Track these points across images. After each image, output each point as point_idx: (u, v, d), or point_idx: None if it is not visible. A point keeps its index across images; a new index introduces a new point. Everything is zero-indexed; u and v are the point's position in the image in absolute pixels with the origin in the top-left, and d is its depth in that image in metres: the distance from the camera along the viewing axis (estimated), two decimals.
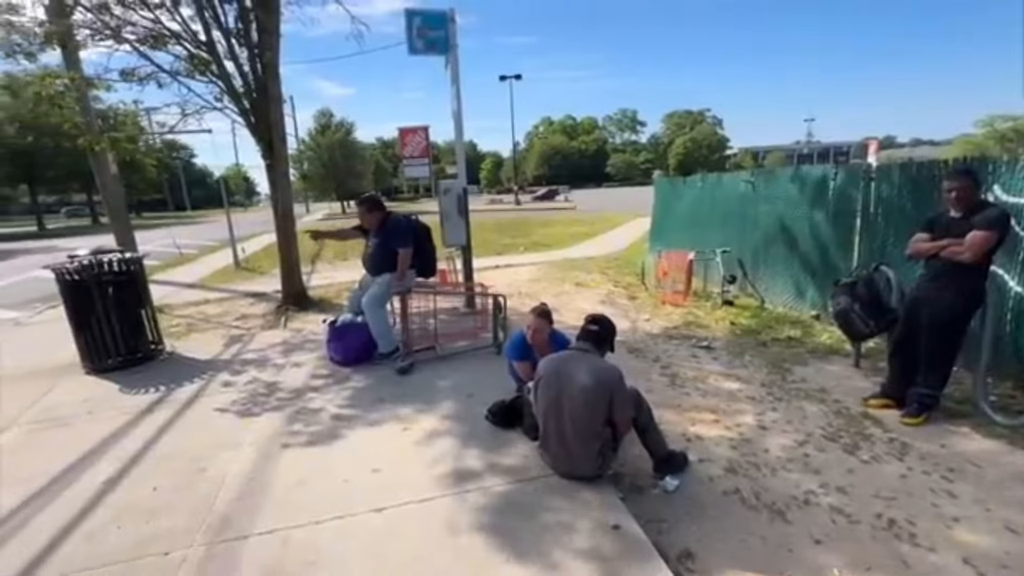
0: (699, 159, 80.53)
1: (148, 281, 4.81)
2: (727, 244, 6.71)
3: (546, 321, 3.05)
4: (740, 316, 5.61)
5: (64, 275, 4.29)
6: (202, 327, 6.21)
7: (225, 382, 3.98)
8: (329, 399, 3.51)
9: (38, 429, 3.33)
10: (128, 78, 5.54)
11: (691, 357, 4.42)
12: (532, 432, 2.67)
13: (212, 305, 7.45)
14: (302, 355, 4.54)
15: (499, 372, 3.79)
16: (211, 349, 4.99)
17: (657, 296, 6.73)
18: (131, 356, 4.50)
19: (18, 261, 15.51)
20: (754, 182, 6.24)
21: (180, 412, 3.45)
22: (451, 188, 5.28)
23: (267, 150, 6.45)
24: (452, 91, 5.25)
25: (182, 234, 19.78)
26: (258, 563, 1.93)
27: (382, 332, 4.08)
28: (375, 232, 4.18)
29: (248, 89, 6.31)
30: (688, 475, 2.56)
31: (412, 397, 3.43)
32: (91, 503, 2.41)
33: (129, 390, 3.94)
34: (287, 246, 6.88)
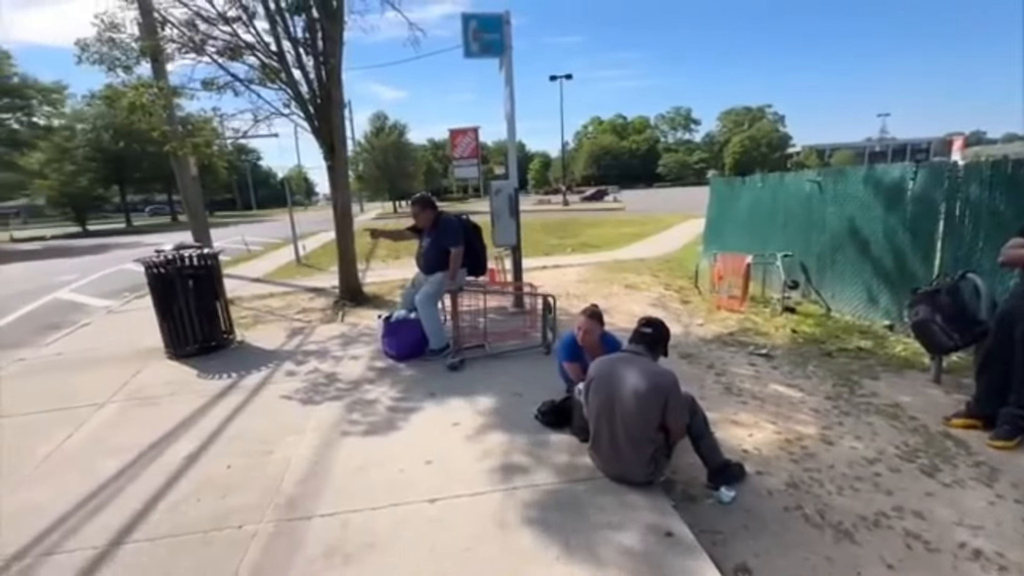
0: (757, 158, 76.75)
1: (222, 275, 5.18)
2: (789, 248, 6.37)
3: (597, 322, 3.03)
4: (803, 324, 5.32)
5: (152, 267, 4.72)
6: (267, 319, 6.62)
7: (289, 371, 4.23)
8: (383, 391, 3.66)
9: (130, 406, 3.69)
10: (208, 87, 6.01)
11: (748, 365, 4.24)
12: (581, 433, 2.67)
13: (276, 299, 7.92)
14: (358, 348, 4.75)
15: (547, 372, 3.79)
16: (276, 340, 5.32)
17: (711, 300, 6.49)
18: (207, 344, 4.88)
19: (111, 255, 17.17)
20: (821, 182, 5.89)
21: (249, 397, 3.70)
22: (502, 188, 5.34)
23: (329, 152, 6.79)
24: (505, 92, 5.31)
25: (249, 232, 21.13)
26: (321, 542, 2.05)
27: (434, 329, 4.19)
28: (427, 231, 4.31)
29: (313, 95, 6.67)
30: (745, 487, 2.47)
31: (462, 393, 3.51)
32: (174, 476, 2.64)
33: (205, 375, 4.27)
34: (345, 244, 7.20)
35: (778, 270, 6.15)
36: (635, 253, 11.57)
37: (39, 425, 3.44)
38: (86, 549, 2.10)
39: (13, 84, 23.20)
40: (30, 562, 2.05)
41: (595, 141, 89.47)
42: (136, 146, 32.69)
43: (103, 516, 2.33)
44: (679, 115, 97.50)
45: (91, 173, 32.98)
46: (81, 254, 18.01)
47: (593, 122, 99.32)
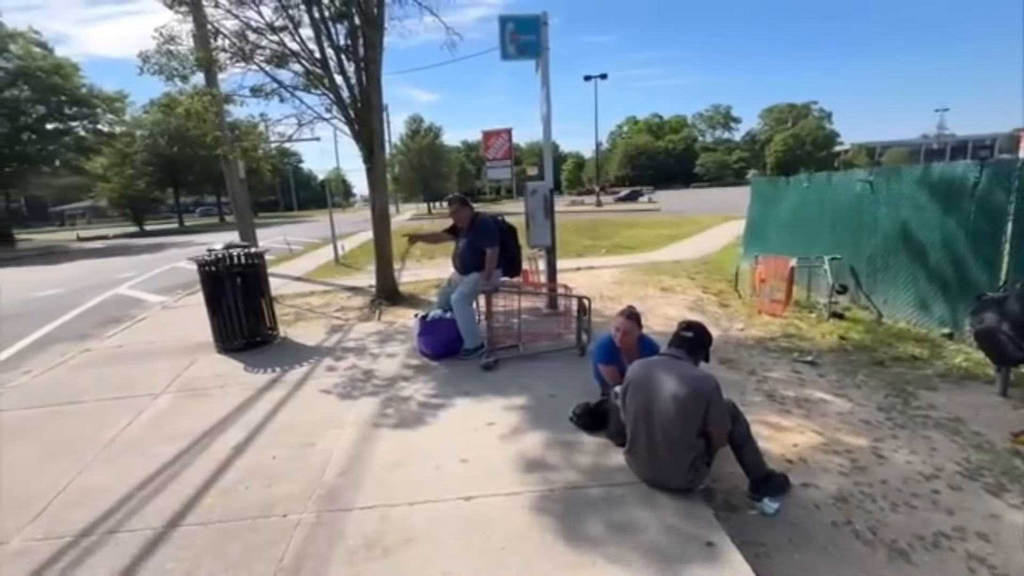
0: (801, 157, 73.67)
1: (267, 274, 5.41)
2: (836, 250, 6.09)
3: (635, 324, 2.98)
4: (851, 330, 5.07)
5: (203, 265, 4.97)
6: (308, 316, 6.86)
7: (329, 367, 4.37)
8: (418, 388, 3.72)
9: (184, 396, 3.90)
10: (257, 94, 6.29)
11: (792, 372, 4.08)
12: (618, 437, 2.63)
13: (316, 297, 8.20)
14: (394, 346, 4.85)
15: (582, 374, 3.77)
16: (316, 337, 5.50)
17: (752, 304, 6.28)
18: (253, 339, 5.10)
19: (165, 254, 18.20)
20: (873, 182, 5.60)
21: (292, 391, 3.84)
22: (538, 189, 5.34)
23: (368, 155, 6.98)
24: (541, 94, 5.31)
25: (290, 232, 21.94)
26: (361, 534, 2.11)
27: (469, 329, 4.23)
28: (464, 232, 4.36)
29: (353, 100, 6.87)
30: (789, 499, 2.37)
31: (496, 393, 3.53)
32: (224, 464, 2.78)
33: (251, 369, 4.47)
34: (382, 244, 7.38)
35: (826, 274, 5.89)
36: (671, 255, 11.34)
37: (104, 412, 3.69)
38: (145, 530, 2.24)
39: (82, 94, 24.95)
40: (96, 539, 2.20)
41: (630, 141, 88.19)
42: (189, 151, 34.62)
43: (160, 499, 2.48)
44: (718, 113, 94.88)
45: (148, 176, 35.13)
46: (139, 253, 19.18)
47: (628, 122, 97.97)
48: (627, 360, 3.07)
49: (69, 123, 25.92)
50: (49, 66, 23.59)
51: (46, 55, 24.21)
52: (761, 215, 9.34)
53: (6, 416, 3.76)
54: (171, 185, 37.91)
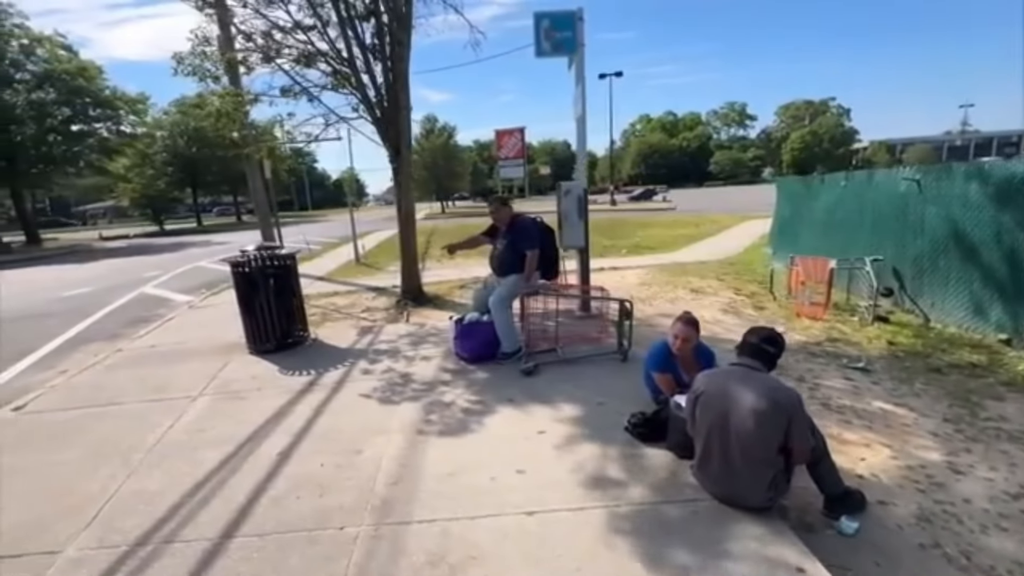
0: (819, 154, 72.46)
1: (299, 275, 5.38)
2: (877, 251, 5.90)
3: (695, 331, 2.87)
4: (899, 335, 4.89)
5: (237, 266, 4.95)
6: (334, 317, 6.83)
7: (364, 370, 4.31)
8: (459, 393, 3.64)
9: (221, 399, 3.87)
10: (286, 94, 6.27)
11: (843, 379, 3.92)
12: (679, 450, 2.52)
13: (340, 297, 8.18)
14: (428, 349, 4.78)
15: (626, 380, 3.66)
16: (347, 338, 5.46)
17: (789, 307, 6.11)
18: (284, 340, 5.07)
19: (186, 253, 18.42)
20: (919, 180, 5.39)
21: (331, 395, 3.79)
22: (572, 189, 5.23)
23: (394, 155, 6.92)
24: (576, 92, 5.19)
25: (307, 231, 22.08)
26: (423, 550, 2.03)
27: (507, 332, 4.14)
28: (503, 233, 4.27)
29: (380, 99, 6.82)
30: (866, 518, 2.24)
31: (541, 399, 3.43)
32: (272, 472, 2.72)
33: (286, 371, 4.43)
34: (408, 245, 7.32)
35: (868, 275, 5.70)
36: (694, 255, 11.15)
37: (144, 413, 3.67)
38: (201, 540, 2.18)
39: (105, 96, 25.36)
40: (152, 549, 2.16)
41: (643, 139, 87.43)
42: (207, 151, 35.05)
43: (212, 507, 2.43)
44: (733, 111, 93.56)
45: (168, 176, 35.66)
46: (160, 252, 19.45)
47: (641, 120, 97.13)
48: (683, 368, 2.96)
49: (93, 124, 26.37)
50: (74, 69, 24.01)
51: (71, 58, 24.65)
52: (792, 215, 9.12)
53: (49, 417, 3.76)
54: (190, 185, 38.46)
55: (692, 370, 2.98)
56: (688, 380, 2.94)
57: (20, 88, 23.36)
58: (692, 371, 2.98)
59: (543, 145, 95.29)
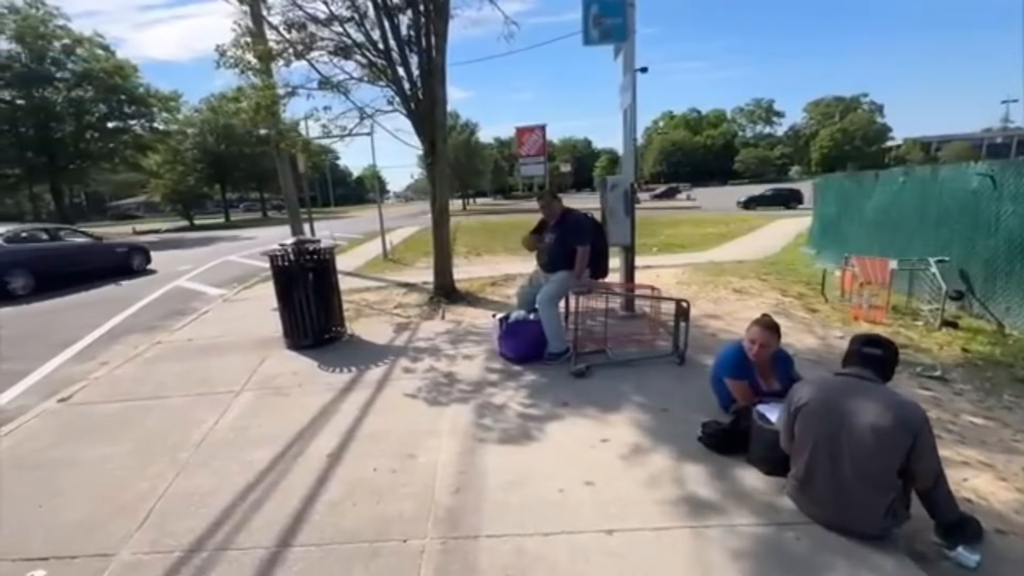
0: (850, 152, 70.40)
1: (336, 270, 5.29)
2: (941, 252, 5.53)
3: (776, 336, 2.64)
4: (972, 341, 4.54)
5: (277, 260, 4.88)
6: (367, 312, 6.75)
7: (406, 368, 4.19)
8: (509, 396, 3.47)
9: (264, 395, 3.79)
10: (324, 87, 6.19)
11: (920, 389, 3.63)
12: (765, 465, 2.31)
13: (371, 293, 8.11)
14: (469, 347, 4.63)
15: (687, 385, 3.45)
16: (383, 335, 5.36)
17: (845, 310, 5.78)
18: (322, 336, 4.99)
19: (216, 247, 18.74)
20: (994, 176, 5.01)
21: (375, 394, 3.67)
22: (618, 184, 5.02)
23: (430, 149, 6.80)
24: (625, 81, 4.97)
25: (332, 227, 22.26)
26: (497, 568, 1.87)
27: (555, 331, 3.97)
28: (552, 227, 4.09)
29: (415, 93, 6.70)
30: (986, 548, 2.00)
31: (597, 404, 3.24)
32: (324, 475, 2.60)
33: (326, 367, 4.33)
34: (442, 241, 7.20)
35: (933, 277, 5.34)
36: (728, 254, 10.79)
37: (188, 408, 3.61)
38: (258, 548, 2.07)
39: (140, 94, 26.04)
40: (207, 556, 2.05)
41: (666, 137, 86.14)
42: (236, 148, 35.75)
43: (266, 511, 2.32)
44: (759, 107, 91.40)
45: (197, 173, 36.50)
46: (191, 246, 19.83)
47: (664, 117, 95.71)
48: (760, 375, 2.74)
49: (128, 121, 27.12)
50: (111, 67, 24.69)
51: (108, 57, 25.36)
52: (838, 213, 8.72)
53: (94, 410, 3.74)
54: (218, 181, 39.30)
55: (769, 377, 2.76)
56: (766, 388, 2.72)
57: (60, 87, 24.14)
58: (769, 378, 2.76)
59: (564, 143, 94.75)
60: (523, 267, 9.82)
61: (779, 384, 2.70)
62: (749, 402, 2.60)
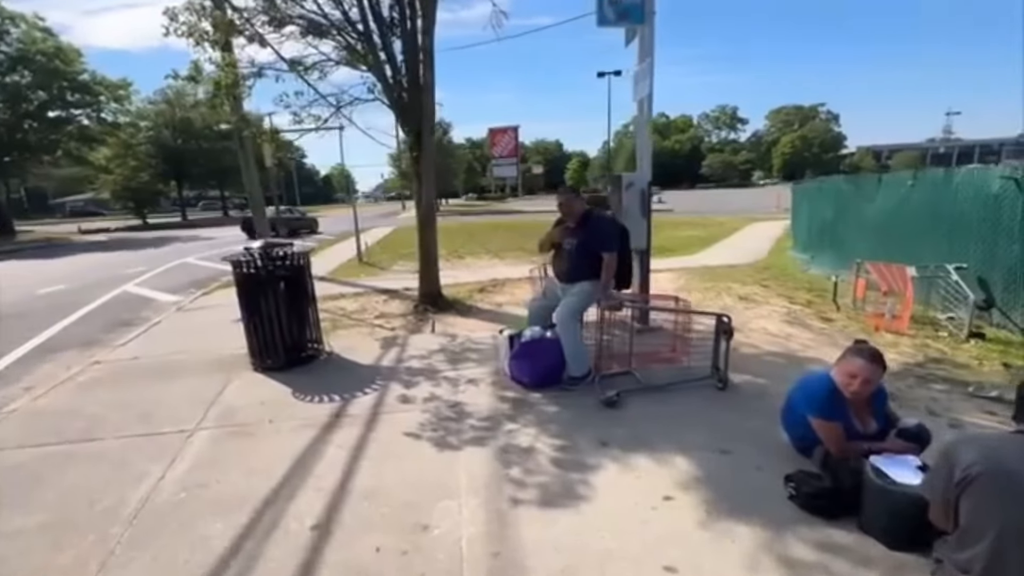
0: (809, 159, 73.49)
1: (312, 277, 4.58)
2: (958, 258, 5.29)
3: (882, 370, 2.16)
4: (1009, 354, 4.26)
5: (241, 267, 4.14)
6: (345, 324, 6.04)
7: (401, 396, 3.54)
8: (534, 434, 2.88)
9: (224, 436, 3.07)
10: (295, 67, 5.44)
11: (983, 412, 3.26)
12: (888, 538, 1.82)
13: (348, 300, 7.37)
14: (471, 368, 4.02)
15: (741, 416, 2.96)
16: (367, 351, 4.68)
17: (860, 319, 5.48)
18: (296, 355, 4.28)
19: (172, 248, 17.35)
20: (1019, 179, 4.78)
21: (366, 432, 3.01)
22: (634, 182, 4.52)
23: (415, 141, 6.16)
24: (642, 67, 4.48)
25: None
26: None
27: (577, 352, 3.41)
28: (572, 231, 3.53)
29: (399, 78, 6.04)
30: None
31: (645, 444, 2.69)
32: (309, 559, 1.95)
33: (302, 395, 3.64)
34: (428, 244, 6.56)
35: (956, 285, 5.08)
36: (717, 259, 10.55)
37: (126, 456, 2.86)
38: None
39: (83, 81, 24.01)
40: None
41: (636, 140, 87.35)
42: (194, 143, 33.69)
43: None
44: (724, 114, 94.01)
45: (152, 169, 34.18)
46: (144, 247, 18.33)
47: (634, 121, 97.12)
48: (855, 414, 2.26)
49: (71, 111, 24.99)
50: (50, 49, 22.64)
51: (47, 38, 23.27)
52: (834, 217, 8.54)
53: (2, 459, 2.93)
54: (174, 178, 36.97)
55: (865, 415, 2.28)
56: (862, 429, 2.24)
57: None
58: (865, 417, 2.28)
59: (536, 145, 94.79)
60: (510, 272, 9.24)
61: (876, 424, 2.23)
62: (845, 451, 2.11)
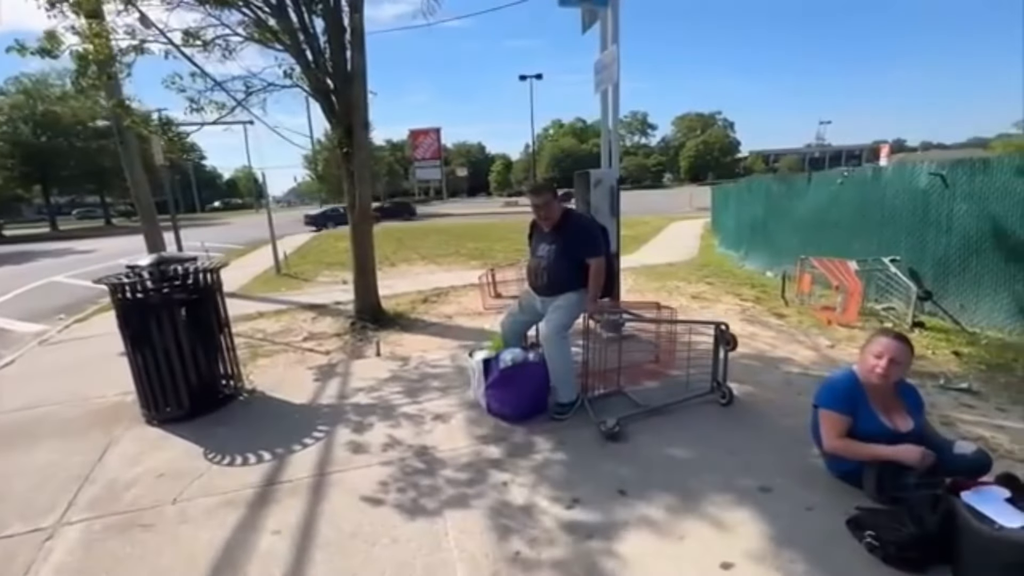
0: (710, 162, 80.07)
1: (224, 297, 3.68)
2: (889, 252, 5.58)
3: (912, 353, 1.90)
4: (954, 343, 4.45)
5: (122, 291, 3.17)
6: (267, 349, 5.11)
7: (352, 445, 2.83)
8: (532, 486, 2.34)
9: (104, 535, 2.19)
10: (191, 40, 4.42)
11: (960, 405, 3.25)
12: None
13: (268, 320, 6.34)
14: (435, 400, 3.39)
15: (760, 440, 2.64)
16: (300, 385, 3.86)
17: (810, 313, 5.58)
18: (206, 398, 3.38)
19: (36, 265, 14.53)
20: (945, 175, 5.08)
21: (313, 505, 2.29)
22: (603, 179, 4.15)
23: (345, 136, 5.37)
24: (609, 54, 4.11)
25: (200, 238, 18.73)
26: None
27: (565, 375, 2.92)
28: (548, 235, 3.03)
29: (323, 62, 5.22)
30: None
31: (668, 489, 2.24)
32: None
33: (218, 456, 2.80)
34: (363, 251, 5.78)
35: (894, 277, 5.32)
36: (655, 257, 10.68)
37: None
38: None
39: None
40: None
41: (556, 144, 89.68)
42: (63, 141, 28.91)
43: None
44: (636, 120, 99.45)
45: (7, 171, 28.79)
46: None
47: (554, 125, 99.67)
48: (878, 406, 1.98)
49: None
50: None
51: None
52: (764, 215, 8.89)
53: None
54: (39, 182, 31.49)
55: (896, 414, 2.01)
56: (893, 428, 1.97)
57: None
58: (896, 416, 2.02)
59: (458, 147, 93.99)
60: (452, 279, 8.62)
61: (914, 423, 1.97)
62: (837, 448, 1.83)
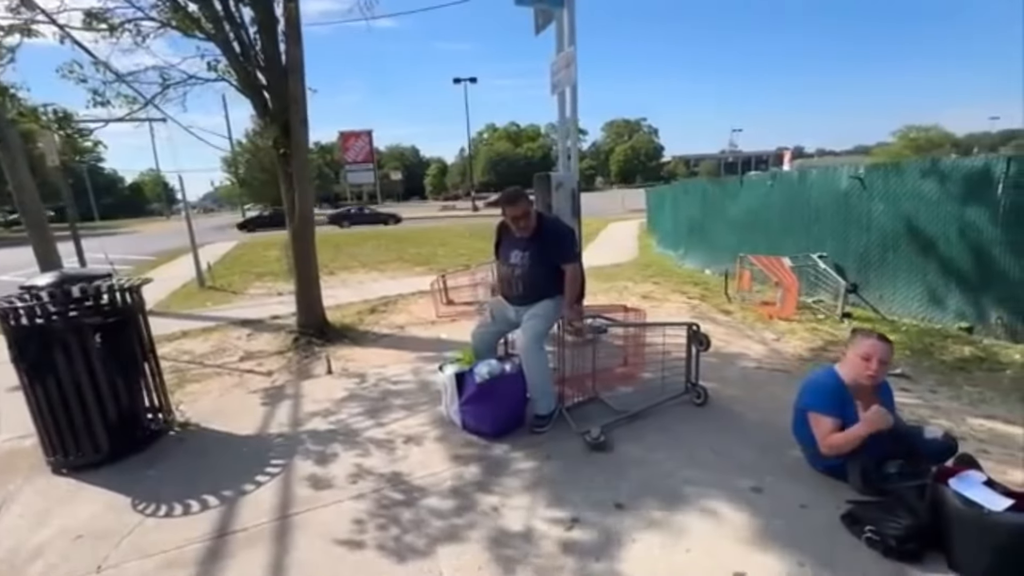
0: (638, 166, 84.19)
1: (147, 319, 3.18)
2: (816, 248, 6.06)
3: (892, 350, 2.00)
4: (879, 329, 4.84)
5: (16, 318, 2.62)
6: (196, 373, 4.56)
7: (315, 479, 2.52)
8: (526, 509, 2.18)
9: None
10: (94, 23, 3.82)
11: (903, 391, 3.52)
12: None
13: (195, 340, 5.70)
14: (402, 419, 3.13)
15: (742, 438, 2.68)
16: (243, 413, 3.43)
17: (752, 309, 5.90)
18: (129, 436, 2.90)
19: None
20: (863, 178, 5.58)
21: (279, 556, 1.99)
22: (563, 182, 4.09)
23: (282, 135, 4.93)
24: (565, 55, 4.07)
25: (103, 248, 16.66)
26: None
27: (543, 385, 2.81)
28: (520, 241, 2.90)
29: (253, 54, 4.77)
30: None
31: (665, 499, 2.18)
32: None
33: (151, 507, 2.38)
34: (305, 259, 5.33)
35: (824, 272, 5.76)
36: (598, 259, 10.90)
37: None
38: None
39: None
40: None
41: (491, 148, 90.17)
42: None
43: None
44: None
45: None
46: None
47: (488, 129, 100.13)
48: (863, 407, 2.07)
49: None
50: None
51: None
52: (701, 216, 9.36)
53: None
54: None
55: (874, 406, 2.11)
56: None
57: None
58: None
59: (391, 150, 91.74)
60: (398, 286, 8.25)
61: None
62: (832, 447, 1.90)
